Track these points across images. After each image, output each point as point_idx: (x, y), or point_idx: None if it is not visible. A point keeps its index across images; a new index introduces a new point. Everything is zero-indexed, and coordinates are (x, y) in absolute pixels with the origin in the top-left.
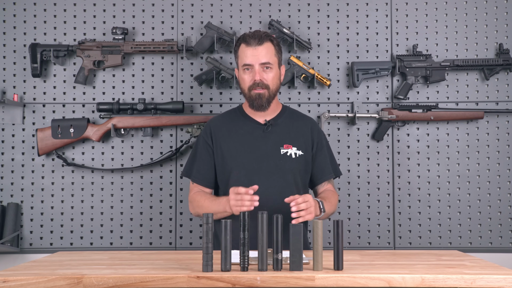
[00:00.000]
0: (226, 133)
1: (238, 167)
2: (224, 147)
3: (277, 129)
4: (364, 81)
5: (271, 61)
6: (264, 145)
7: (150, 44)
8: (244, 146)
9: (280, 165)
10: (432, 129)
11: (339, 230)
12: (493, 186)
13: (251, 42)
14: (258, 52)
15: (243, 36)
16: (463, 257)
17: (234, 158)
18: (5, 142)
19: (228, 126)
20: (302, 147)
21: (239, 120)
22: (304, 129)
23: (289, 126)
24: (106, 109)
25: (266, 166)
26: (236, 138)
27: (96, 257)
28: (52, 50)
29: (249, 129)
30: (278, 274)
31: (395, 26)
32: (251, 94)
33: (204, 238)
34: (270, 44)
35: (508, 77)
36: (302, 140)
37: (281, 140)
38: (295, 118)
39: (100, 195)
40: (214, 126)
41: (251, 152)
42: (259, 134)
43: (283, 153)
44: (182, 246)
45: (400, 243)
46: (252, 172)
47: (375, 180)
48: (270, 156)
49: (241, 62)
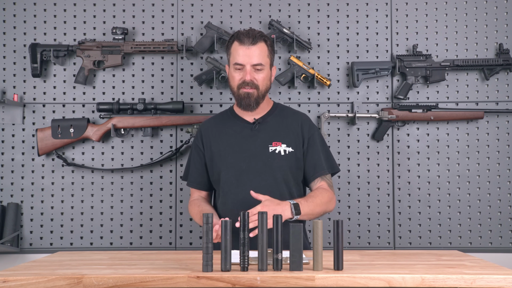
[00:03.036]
0: (216, 135)
1: (226, 167)
2: (214, 149)
3: (266, 127)
4: (364, 81)
5: (263, 62)
6: (253, 144)
7: (150, 44)
8: (232, 146)
9: (269, 164)
10: (432, 129)
11: (339, 230)
12: (493, 186)
13: (245, 41)
14: (251, 52)
15: (237, 33)
16: (463, 257)
17: (222, 158)
18: (5, 142)
19: (218, 127)
20: (292, 143)
21: (229, 121)
22: (294, 125)
23: (279, 123)
24: (106, 109)
25: (254, 166)
26: (225, 139)
27: (96, 257)
28: (52, 50)
29: (238, 129)
30: (278, 274)
31: (395, 26)
32: (239, 92)
33: (204, 238)
34: (263, 44)
35: (508, 77)
36: (292, 136)
37: (269, 138)
38: (285, 115)
39: (100, 195)
40: (204, 129)
41: (239, 152)
42: (247, 133)
43: (271, 151)
44: (182, 246)
45: (400, 243)
46: (240, 171)
47: (375, 180)
48: (258, 155)
49: (233, 60)
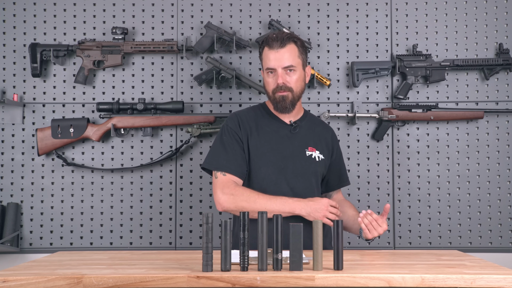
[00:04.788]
0: (254, 128)
1: (267, 164)
2: (251, 143)
3: (301, 131)
4: (364, 81)
5: (294, 64)
6: (291, 145)
7: (150, 44)
8: (271, 144)
9: (306, 167)
10: (432, 129)
11: (339, 230)
12: (493, 186)
13: (274, 45)
14: (281, 56)
15: (266, 38)
16: (463, 257)
17: (262, 155)
18: (5, 142)
19: (255, 121)
20: (324, 152)
21: (265, 118)
22: (325, 135)
23: (312, 130)
24: (106, 109)
25: (292, 166)
26: (263, 135)
27: (96, 257)
28: (52, 50)
29: (276, 128)
30: (278, 274)
31: (395, 26)
32: (275, 97)
33: (204, 238)
34: (293, 45)
35: (508, 77)
36: (324, 144)
37: (306, 142)
38: (316, 123)
39: (100, 195)
40: (241, 118)
41: (278, 150)
42: (286, 134)
43: (308, 155)
44: (182, 246)
45: (400, 243)
46: (279, 170)
47: (375, 180)
48: (296, 156)
49: (265, 66)
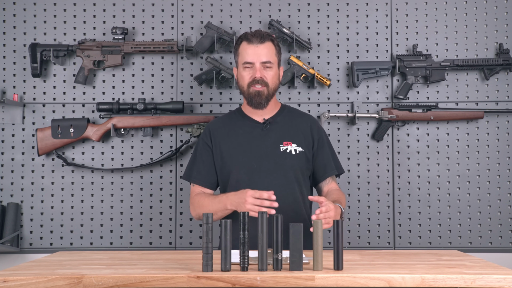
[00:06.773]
0: (225, 134)
1: (237, 166)
2: (224, 148)
3: (276, 127)
4: (364, 81)
5: (271, 60)
6: (264, 144)
7: (150, 44)
8: (243, 145)
9: (280, 163)
10: (432, 129)
11: (339, 230)
12: (493, 186)
13: (253, 40)
14: (260, 51)
15: (244, 34)
16: (463, 257)
17: (233, 157)
18: (5, 142)
19: (227, 127)
20: (302, 143)
21: (238, 121)
22: (304, 126)
23: (288, 123)
24: (106, 109)
25: (266, 164)
26: (235, 138)
27: (96, 257)
28: (52, 50)
29: (248, 129)
30: (278, 274)
31: (395, 26)
32: (250, 91)
33: (204, 238)
34: (271, 43)
35: (508, 77)
36: (302, 137)
37: (280, 137)
38: (294, 116)
39: (100, 195)
40: (213, 128)
41: (250, 151)
42: (258, 133)
43: (283, 150)
44: (182, 246)
45: (400, 243)
46: (252, 171)
47: (375, 180)
48: (269, 154)
49: (242, 60)
